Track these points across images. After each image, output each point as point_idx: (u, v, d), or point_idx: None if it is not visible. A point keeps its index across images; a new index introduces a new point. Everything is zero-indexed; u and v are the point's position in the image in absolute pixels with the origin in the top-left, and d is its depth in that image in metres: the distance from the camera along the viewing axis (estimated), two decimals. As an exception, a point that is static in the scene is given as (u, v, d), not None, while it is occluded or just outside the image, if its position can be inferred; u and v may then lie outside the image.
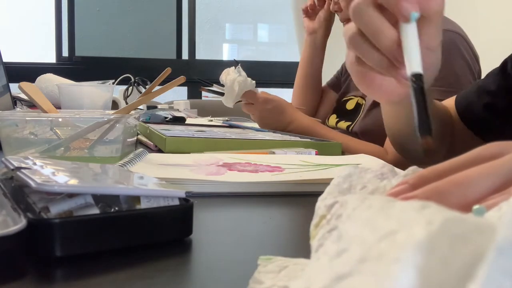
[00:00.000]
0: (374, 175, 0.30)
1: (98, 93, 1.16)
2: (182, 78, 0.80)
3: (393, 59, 0.48)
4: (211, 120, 1.39)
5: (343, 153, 0.86)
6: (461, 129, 0.81)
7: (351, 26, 0.50)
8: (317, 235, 0.24)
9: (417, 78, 0.45)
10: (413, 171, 0.30)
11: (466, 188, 0.25)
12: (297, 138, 0.93)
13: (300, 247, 0.38)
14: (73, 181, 0.36)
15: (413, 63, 0.45)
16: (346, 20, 1.27)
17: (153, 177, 0.43)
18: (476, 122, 0.80)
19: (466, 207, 0.25)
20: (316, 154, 0.78)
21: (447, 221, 0.17)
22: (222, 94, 1.20)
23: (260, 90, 1.25)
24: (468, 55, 1.15)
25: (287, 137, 0.95)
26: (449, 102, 0.84)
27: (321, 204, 0.27)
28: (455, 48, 1.13)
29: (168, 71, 0.83)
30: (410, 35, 0.46)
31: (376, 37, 0.47)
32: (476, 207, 0.24)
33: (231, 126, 1.16)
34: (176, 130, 0.96)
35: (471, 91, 0.82)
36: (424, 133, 0.42)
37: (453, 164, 0.28)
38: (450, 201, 0.25)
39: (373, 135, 1.16)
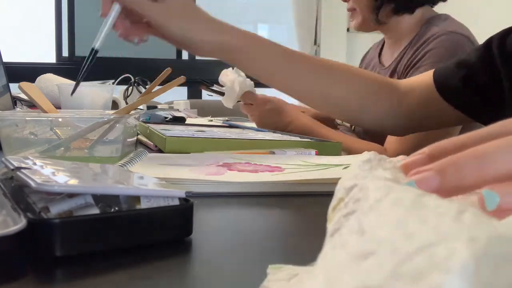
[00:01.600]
0: (392, 166, 0.29)
1: (98, 93, 1.16)
2: (182, 78, 0.80)
3: None
4: (211, 120, 1.39)
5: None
6: (436, 100, 0.83)
7: None
8: (334, 218, 0.23)
9: (92, 51, 0.74)
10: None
11: (483, 161, 0.24)
12: (297, 138, 0.93)
13: (301, 247, 0.38)
14: (73, 181, 0.36)
15: (96, 39, 0.74)
16: None
17: (153, 177, 0.43)
18: (451, 93, 0.83)
19: (482, 182, 0.23)
20: (316, 154, 0.78)
21: (492, 239, 0.16)
22: (222, 94, 1.21)
23: (258, 90, 1.26)
24: None
25: (287, 137, 0.95)
26: (427, 75, 0.87)
27: (340, 186, 0.25)
28: (460, 50, 1.13)
29: (168, 71, 0.83)
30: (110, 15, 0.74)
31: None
32: (486, 191, 0.23)
33: (231, 126, 1.16)
34: (176, 130, 0.96)
35: (451, 64, 0.84)
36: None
37: (473, 137, 0.27)
38: (466, 174, 0.24)
39: (376, 134, 1.17)
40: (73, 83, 0.74)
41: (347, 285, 0.17)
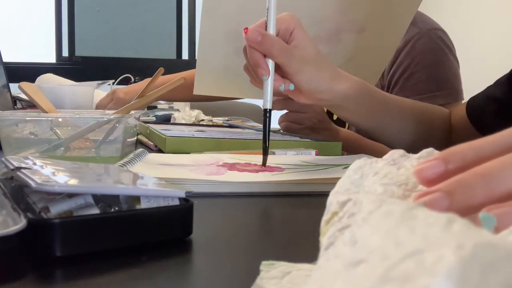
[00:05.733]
0: (386, 163, 0.29)
1: (81, 90, 1.18)
2: (182, 78, 0.80)
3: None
4: (211, 120, 1.39)
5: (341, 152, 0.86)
6: (473, 134, 0.85)
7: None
8: (327, 232, 0.24)
9: (266, 112, 0.67)
10: (428, 153, 0.29)
11: (490, 180, 0.24)
12: (297, 138, 0.93)
13: (301, 248, 0.38)
14: (73, 181, 0.36)
15: (266, 100, 0.67)
16: None
17: (153, 177, 0.43)
18: (486, 128, 0.84)
19: (490, 202, 0.23)
20: (316, 154, 0.78)
21: (478, 246, 0.16)
22: None
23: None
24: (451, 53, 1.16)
25: (287, 137, 0.95)
26: (460, 107, 0.89)
27: (333, 199, 0.25)
28: (443, 45, 1.14)
29: (161, 71, 0.83)
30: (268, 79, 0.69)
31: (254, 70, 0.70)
32: (483, 214, 0.23)
33: (231, 126, 1.16)
34: (176, 130, 0.96)
35: (480, 97, 0.86)
36: (264, 153, 0.65)
37: (496, 141, 0.26)
38: (474, 194, 0.23)
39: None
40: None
41: None
